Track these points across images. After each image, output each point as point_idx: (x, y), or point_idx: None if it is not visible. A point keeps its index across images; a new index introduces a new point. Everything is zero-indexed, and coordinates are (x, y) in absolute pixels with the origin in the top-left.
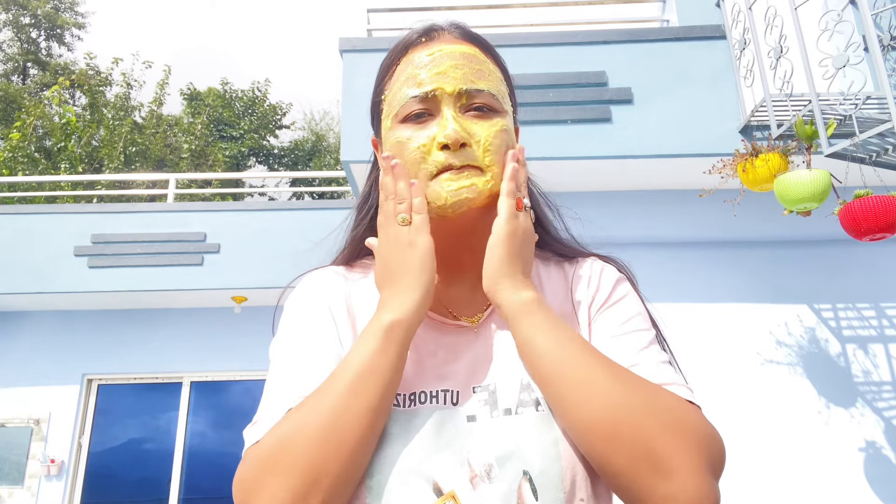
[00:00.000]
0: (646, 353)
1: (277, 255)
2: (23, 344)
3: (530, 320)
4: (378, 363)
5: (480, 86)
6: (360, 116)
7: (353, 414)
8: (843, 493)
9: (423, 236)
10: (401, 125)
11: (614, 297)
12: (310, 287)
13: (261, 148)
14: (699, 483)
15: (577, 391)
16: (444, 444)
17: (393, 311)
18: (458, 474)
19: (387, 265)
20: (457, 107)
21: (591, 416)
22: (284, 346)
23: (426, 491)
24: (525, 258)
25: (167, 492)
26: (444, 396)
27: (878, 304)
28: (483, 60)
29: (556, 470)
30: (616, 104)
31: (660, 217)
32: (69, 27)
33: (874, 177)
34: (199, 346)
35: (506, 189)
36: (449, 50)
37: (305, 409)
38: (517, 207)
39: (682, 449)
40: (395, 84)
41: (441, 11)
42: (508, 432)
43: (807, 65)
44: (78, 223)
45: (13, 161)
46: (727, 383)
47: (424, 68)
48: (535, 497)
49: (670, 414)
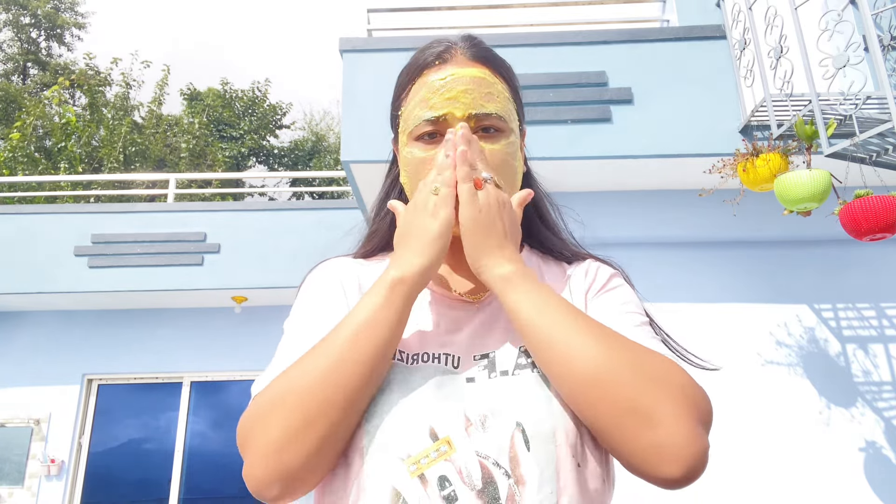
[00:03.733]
0: (639, 329)
1: (277, 255)
2: (23, 344)
3: (513, 291)
4: (380, 316)
5: (489, 109)
6: (360, 116)
7: (352, 362)
8: (843, 493)
9: (447, 209)
10: (414, 143)
11: (609, 286)
12: (323, 269)
13: (261, 148)
14: (685, 430)
15: (561, 351)
16: (443, 398)
17: (399, 269)
18: (454, 422)
19: (407, 227)
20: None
21: (576, 372)
22: (295, 316)
23: (422, 436)
24: (499, 231)
25: (167, 492)
26: (446, 359)
27: (878, 304)
28: (492, 83)
29: (548, 424)
30: (616, 104)
31: (660, 217)
32: (69, 27)
33: (874, 177)
34: (199, 346)
35: (459, 175)
36: (460, 74)
37: (307, 356)
38: (476, 187)
39: (666, 399)
40: (410, 102)
41: (441, 11)
42: (505, 389)
43: (807, 65)
44: (78, 223)
45: (13, 161)
46: (727, 383)
47: (437, 93)
48: (527, 448)
49: (654, 369)
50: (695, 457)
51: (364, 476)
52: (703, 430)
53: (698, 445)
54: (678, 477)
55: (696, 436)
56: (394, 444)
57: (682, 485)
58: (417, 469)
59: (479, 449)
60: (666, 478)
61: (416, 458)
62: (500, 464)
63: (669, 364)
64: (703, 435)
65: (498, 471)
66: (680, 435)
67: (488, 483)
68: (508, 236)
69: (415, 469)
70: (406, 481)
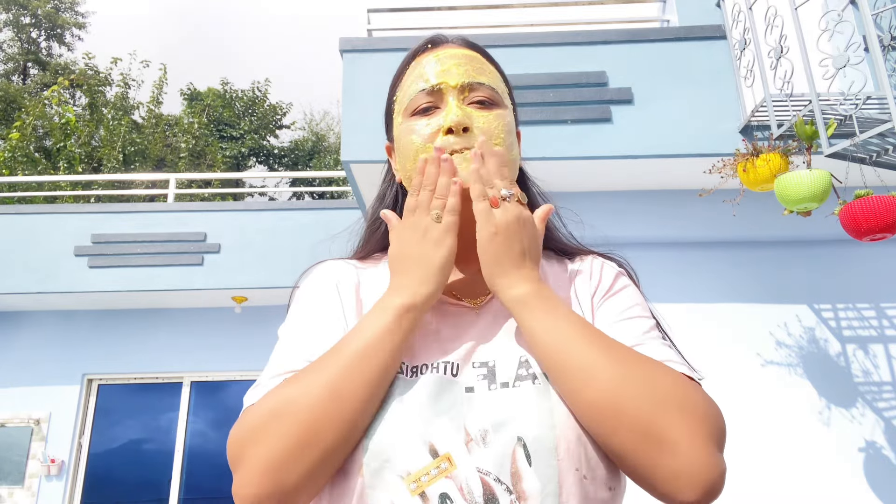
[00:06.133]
0: (647, 335)
1: (277, 255)
2: (23, 344)
3: (529, 313)
4: (385, 340)
5: (482, 80)
6: (360, 116)
7: (355, 384)
8: (843, 493)
9: (452, 238)
10: (410, 118)
11: (615, 288)
12: (319, 271)
13: (261, 148)
14: (704, 456)
15: (578, 376)
16: (442, 411)
17: (408, 296)
18: (454, 437)
19: (407, 252)
20: (460, 98)
21: (594, 399)
22: (290, 320)
23: (422, 452)
24: (517, 250)
25: (167, 492)
26: (445, 367)
27: (878, 304)
28: (484, 62)
29: (550, 438)
30: (616, 104)
31: (660, 217)
32: (69, 27)
33: (874, 177)
34: (199, 346)
35: (473, 194)
36: (453, 52)
37: (309, 373)
38: (492, 205)
39: (683, 425)
40: (405, 84)
41: (441, 11)
42: (505, 402)
43: (807, 65)
44: (78, 223)
45: (13, 161)
46: (727, 383)
47: (430, 67)
48: (528, 462)
49: (670, 392)
50: (713, 482)
51: (364, 494)
52: (720, 451)
53: (716, 470)
54: (696, 501)
55: (714, 460)
56: (393, 461)
57: None
58: (418, 487)
59: (480, 465)
60: (684, 502)
61: (416, 475)
62: (502, 479)
63: (683, 382)
64: (720, 457)
65: (499, 487)
66: (699, 462)
67: (490, 500)
68: (527, 255)
69: (415, 487)
70: (406, 499)
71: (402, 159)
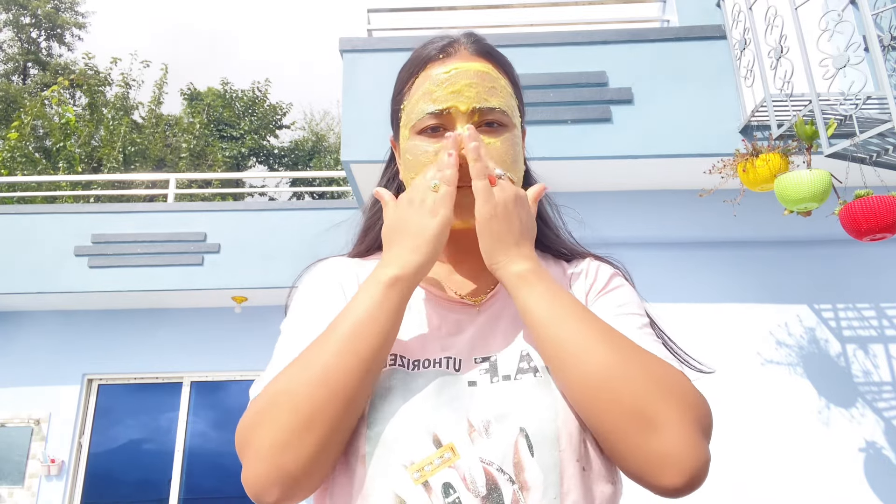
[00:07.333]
0: (640, 331)
1: (277, 255)
2: (23, 344)
3: (528, 290)
4: (376, 314)
5: (492, 104)
6: (361, 116)
7: (349, 361)
8: (843, 493)
9: (447, 208)
10: (417, 136)
11: (610, 286)
12: (321, 268)
13: (261, 148)
14: (692, 442)
15: (572, 353)
16: (445, 402)
17: (396, 267)
18: (458, 428)
19: (401, 223)
20: (469, 121)
21: (585, 375)
22: (292, 315)
23: (426, 442)
24: (517, 228)
25: (167, 492)
26: (447, 362)
27: (878, 304)
28: (496, 77)
29: (551, 429)
30: (616, 104)
31: (660, 217)
32: (69, 27)
33: (874, 177)
34: (199, 346)
35: (473, 172)
36: (464, 68)
37: (304, 356)
38: (490, 183)
39: (674, 409)
40: (413, 96)
41: (441, 11)
42: (507, 394)
43: (807, 65)
44: (78, 223)
45: (12, 161)
46: (727, 383)
47: (441, 86)
48: (531, 453)
49: (662, 377)
50: (696, 467)
51: (367, 483)
52: (705, 440)
53: (700, 456)
54: (679, 486)
55: (700, 447)
56: (397, 451)
57: (682, 494)
58: (421, 476)
59: (483, 455)
60: (667, 486)
61: (419, 464)
62: (505, 470)
63: (674, 371)
64: (705, 445)
65: (502, 477)
66: (683, 444)
67: (493, 489)
68: (525, 233)
69: (419, 476)
70: (410, 488)
71: (406, 171)
